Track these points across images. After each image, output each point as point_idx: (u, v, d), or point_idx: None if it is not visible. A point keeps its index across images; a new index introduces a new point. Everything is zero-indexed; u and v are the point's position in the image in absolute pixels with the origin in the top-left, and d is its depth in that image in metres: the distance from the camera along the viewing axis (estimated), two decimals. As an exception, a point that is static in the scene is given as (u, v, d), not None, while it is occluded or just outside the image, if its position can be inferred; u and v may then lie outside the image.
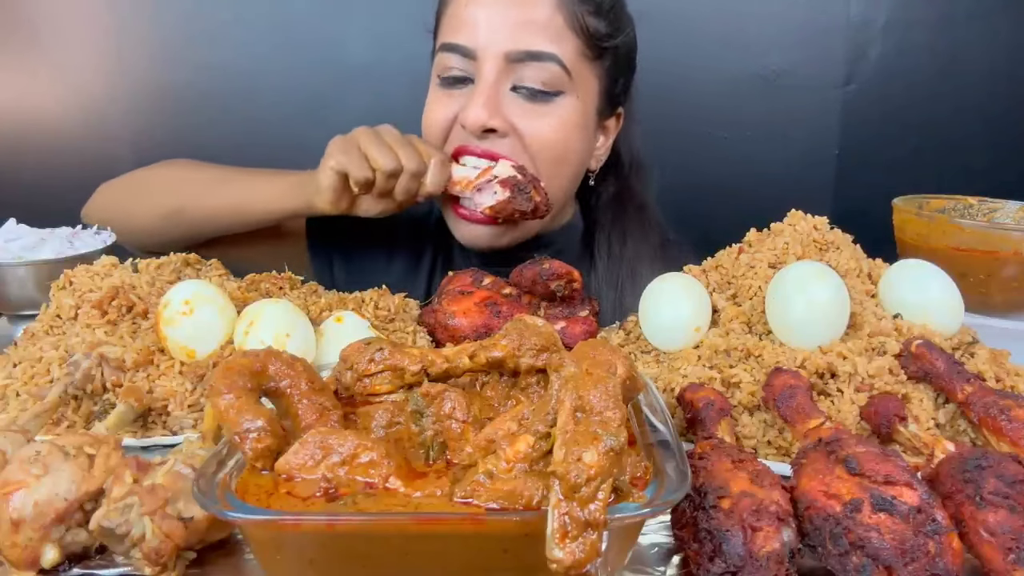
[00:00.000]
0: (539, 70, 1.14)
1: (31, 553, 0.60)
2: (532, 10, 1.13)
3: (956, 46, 2.01)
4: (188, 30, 2.03)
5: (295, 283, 1.11)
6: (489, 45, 1.13)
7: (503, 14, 1.13)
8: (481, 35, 1.14)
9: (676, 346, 0.94)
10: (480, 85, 1.14)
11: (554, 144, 1.17)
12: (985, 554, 0.57)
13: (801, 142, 2.08)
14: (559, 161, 1.19)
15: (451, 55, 1.17)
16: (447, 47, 1.17)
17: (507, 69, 1.14)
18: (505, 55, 1.13)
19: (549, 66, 1.14)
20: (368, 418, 0.68)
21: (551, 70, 1.14)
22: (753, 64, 2.02)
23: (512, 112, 1.15)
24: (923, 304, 0.90)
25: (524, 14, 1.13)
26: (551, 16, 1.13)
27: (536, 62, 1.13)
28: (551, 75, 1.14)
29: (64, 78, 2.05)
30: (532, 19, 1.13)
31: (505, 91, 1.15)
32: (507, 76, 1.15)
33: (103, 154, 2.07)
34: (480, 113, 1.12)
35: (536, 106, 1.16)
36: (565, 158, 1.20)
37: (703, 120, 2.00)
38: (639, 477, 0.58)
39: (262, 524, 0.55)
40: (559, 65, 1.14)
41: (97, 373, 0.85)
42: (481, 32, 1.14)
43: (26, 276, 1.15)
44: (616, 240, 1.33)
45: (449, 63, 1.17)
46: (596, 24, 1.17)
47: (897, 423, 0.75)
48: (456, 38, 1.16)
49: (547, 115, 1.16)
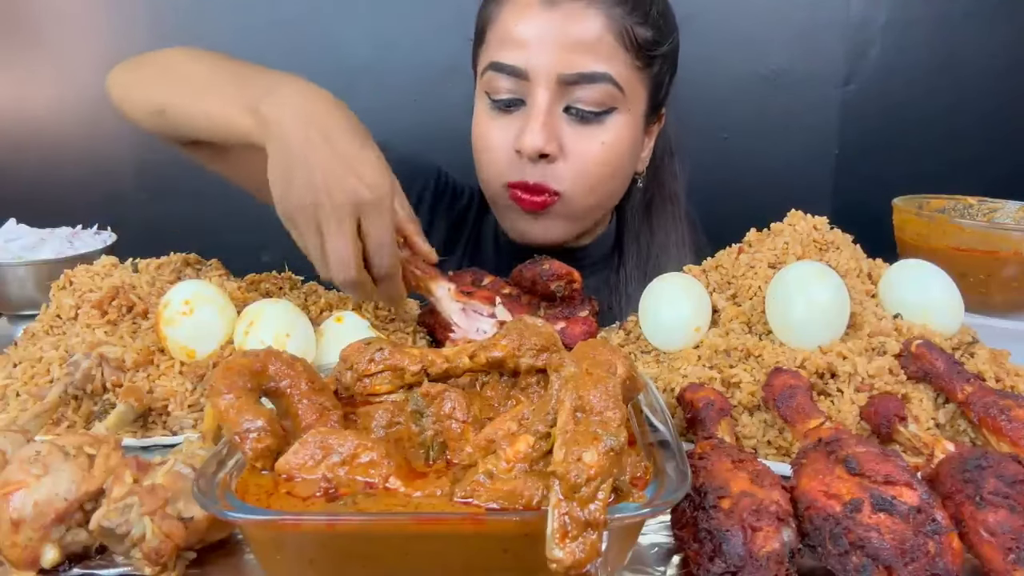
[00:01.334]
0: (592, 91, 1.13)
1: (31, 553, 0.60)
2: (582, 28, 1.11)
3: (955, 45, 2.01)
4: (188, 30, 2.03)
5: (295, 283, 1.11)
6: (541, 67, 1.12)
7: (554, 34, 1.11)
8: (533, 56, 1.12)
9: (676, 346, 0.94)
10: (534, 110, 1.13)
11: (605, 163, 1.17)
12: (985, 554, 0.57)
13: (801, 141, 2.08)
14: (609, 178, 1.20)
15: (501, 75, 1.15)
16: (496, 66, 1.15)
17: (559, 91, 1.13)
18: (558, 77, 1.12)
19: (602, 86, 1.13)
20: (368, 418, 0.68)
21: (604, 90, 1.13)
22: (753, 64, 2.02)
23: (564, 134, 1.15)
24: (923, 304, 0.90)
25: (575, 33, 1.11)
26: (601, 34, 1.12)
27: (589, 83, 1.12)
28: (604, 94, 1.13)
29: (64, 78, 2.05)
30: (583, 38, 1.11)
31: (558, 112, 1.15)
32: (560, 98, 1.14)
33: (103, 154, 2.07)
34: (536, 140, 1.12)
35: (588, 128, 1.15)
36: (614, 174, 1.21)
37: (703, 119, 1.99)
38: (639, 477, 0.58)
39: (262, 524, 0.55)
40: (612, 84, 1.13)
41: (97, 373, 0.85)
42: (532, 53, 1.12)
43: (26, 276, 1.16)
44: (644, 233, 1.33)
45: (499, 83, 1.16)
46: (645, 34, 1.16)
47: (897, 423, 0.75)
48: (506, 58, 1.14)
49: (599, 136, 1.16)
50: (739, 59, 2.02)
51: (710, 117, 2.02)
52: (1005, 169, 1.95)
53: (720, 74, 2.00)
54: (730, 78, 2.02)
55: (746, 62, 2.02)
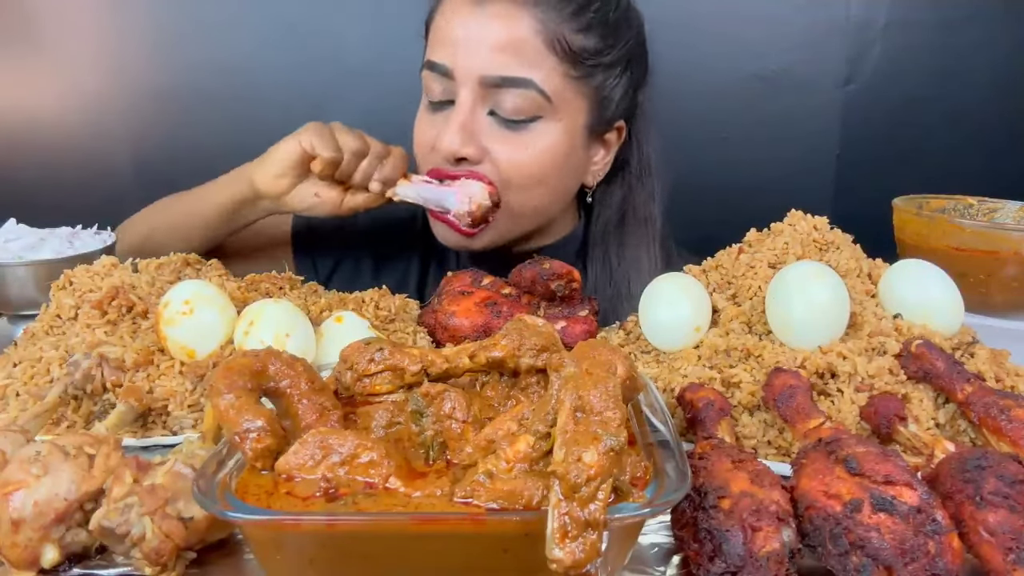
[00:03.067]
0: (515, 96, 1.11)
1: (31, 553, 0.60)
2: (510, 31, 1.09)
3: (956, 46, 2.01)
4: (187, 30, 2.03)
5: (295, 283, 1.11)
6: (465, 69, 1.11)
7: (481, 35, 1.10)
8: (459, 57, 1.12)
9: (676, 346, 0.94)
10: (456, 111, 1.13)
11: (530, 170, 1.15)
12: (985, 554, 0.57)
13: (801, 142, 2.08)
14: (536, 184, 1.17)
15: (432, 74, 1.16)
16: (429, 65, 1.16)
17: (483, 94, 1.12)
18: (480, 79, 1.11)
19: (525, 92, 1.11)
20: (368, 418, 0.68)
21: (527, 96, 1.11)
22: (753, 64, 2.02)
23: (488, 137, 1.14)
24: (923, 304, 0.90)
25: (502, 35, 1.10)
26: (529, 38, 1.10)
27: (512, 88, 1.11)
28: (528, 101, 1.11)
29: (64, 78, 2.05)
30: (509, 41, 1.10)
31: (481, 115, 1.13)
32: (484, 100, 1.13)
33: (103, 154, 2.07)
34: (453, 140, 1.12)
35: (511, 132, 1.14)
36: (542, 181, 1.18)
37: (703, 120, 1.99)
38: (639, 477, 0.58)
39: (262, 524, 0.55)
40: (536, 91, 1.11)
41: (97, 373, 0.84)
42: (460, 54, 1.12)
43: (26, 276, 1.15)
44: (613, 254, 1.30)
45: (432, 83, 1.17)
46: (583, 42, 1.13)
47: (897, 423, 0.75)
48: (437, 56, 1.15)
49: (522, 141, 1.14)
50: (740, 60, 2.02)
51: (710, 118, 2.02)
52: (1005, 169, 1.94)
53: (721, 75, 2.00)
54: (731, 79, 2.02)
55: (747, 63, 2.02)
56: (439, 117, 1.17)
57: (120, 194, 2.06)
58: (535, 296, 1.06)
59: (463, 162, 1.15)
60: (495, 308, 1.03)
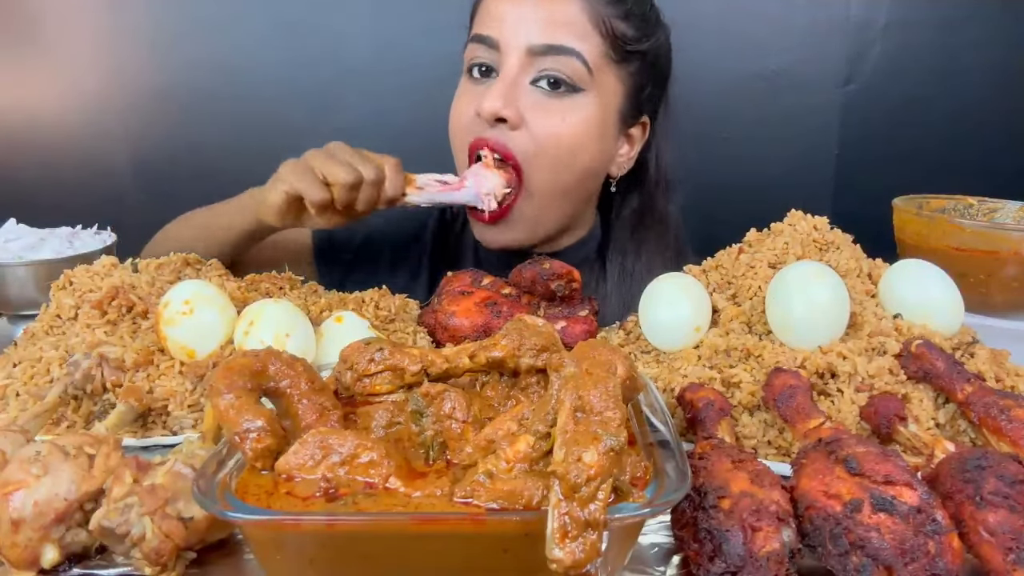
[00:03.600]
0: (560, 64, 1.16)
1: (31, 553, 0.60)
2: (558, 7, 1.17)
3: (956, 46, 2.01)
4: (187, 29, 2.03)
5: (295, 283, 1.11)
6: (513, 38, 1.17)
7: (530, 10, 1.17)
8: (507, 28, 1.17)
9: (676, 346, 0.94)
10: (500, 77, 1.18)
11: (565, 140, 1.19)
12: (985, 554, 0.57)
13: (801, 142, 2.08)
14: (568, 157, 1.20)
15: (479, 46, 1.21)
16: (475, 38, 1.22)
17: (529, 62, 1.17)
18: (528, 48, 1.16)
19: (570, 61, 1.16)
20: (368, 418, 0.68)
21: (572, 65, 1.16)
22: (753, 64, 2.02)
23: (528, 105, 1.17)
24: (923, 304, 0.90)
25: (550, 11, 1.16)
26: (576, 14, 1.16)
27: (557, 55, 1.16)
28: (571, 70, 1.16)
29: (63, 78, 2.05)
30: (557, 16, 1.16)
31: (525, 84, 1.18)
32: (528, 69, 1.17)
33: (102, 153, 2.07)
34: (495, 102, 1.15)
35: (553, 100, 1.18)
36: (575, 155, 1.21)
37: (703, 120, 1.99)
38: (639, 477, 0.58)
39: (262, 524, 0.55)
40: (580, 61, 1.16)
41: (97, 373, 0.84)
42: (507, 25, 1.17)
43: (26, 276, 1.15)
44: (631, 255, 1.34)
45: (476, 53, 1.21)
46: (623, 28, 1.19)
47: (897, 423, 0.75)
48: (484, 30, 1.20)
49: (562, 111, 1.18)
50: (740, 60, 2.02)
51: (710, 117, 2.02)
52: (1005, 169, 1.94)
53: (721, 75, 2.00)
54: (731, 79, 2.02)
55: (747, 63, 2.02)
56: (480, 88, 1.21)
57: (120, 194, 2.07)
58: (535, 296, 1.06)
59: (499, 125, 1.18)
60: (495, 308, 1.03)
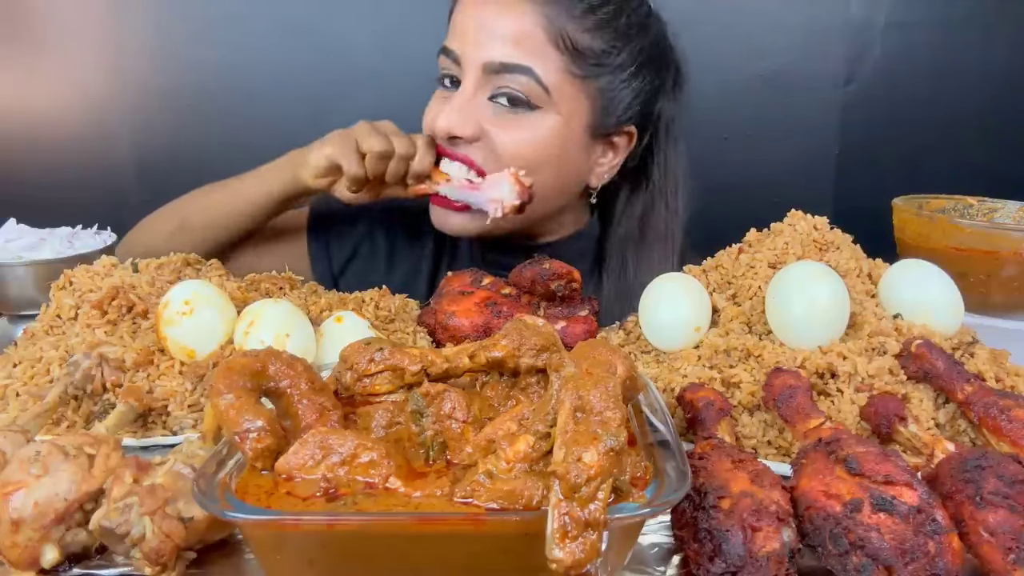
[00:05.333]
0: (515, 82, 1.15)
1: (31, 553, 0.60)
2: (514, 23, 1.15)
3: (956, 46, 2.01)
4: (189, 29, 2.03)
5: (295, 283, 1.11)
6: (472, 53, 1.17)
7: (487, 25, 1.16)
8: (468, 44, 1.17)
9: (676, 346, 0.94)
10: (460, 91, 1.18)
11: (524, 154, 1.18)
12: (985, 554, 0.57)
13: (801, 142, 2.08)
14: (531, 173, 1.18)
15: (446, 58, 1.21)
16: (443, 50, 1.22)
17: (485, 79, 1.17)
18: (484, 65, 1.16)
19: (523, 79, 1.15)
20: (368, 418, 0.68)
21: (525, 84, 1.15)
22: (753, 64, 2.02)
23: (487, 120, 1.18)
24: (923, 304, 0.90)
25: (506, 27, 1.15)
26: (531, 31, 1.15)
27: (510, 74, 1.15)
28: (526, 89, 1.15)
29: (64, 77, 2.05)
30: (514, 32, 1.15)
31: (482, 100, 1.18)
32: (486, 86, 1.17)
33: (104, 153, 2.07)
34: (448, 119, 1.16)
35: (511, 117, 1.17)
36: (539, 170, 1.19)
37: (703, 120, 1.99)
38: (639, 477, 0.58)
39: (262, 524, 0.55)
40: (534, 80, 1.15)
41: (97, 373, 0.84)
42: (468, 41, 1.17)
43: (26, 276, 1.15)
44: (630, 263, 1.33)
45: (444, 65, 1.22)
46: (590, 42, 1.17)
47: (897, 423, 0.75)
48: (450, 43, 1.21)
49: (520, 127, 1.17)
50: (740, 60, 2.02)
51: (710, 118, 2.02)
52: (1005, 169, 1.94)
53: (721, 75, 2.00)
54: (731, 79, 2.02)
55: (747, 63, 2.02)
56: (448, 97, 1.22)
57: (121, 194, 2.07)
58: (535, 296, 1.06)
59: (457, 141, 1.19)
60: (495, 308, 1.03)
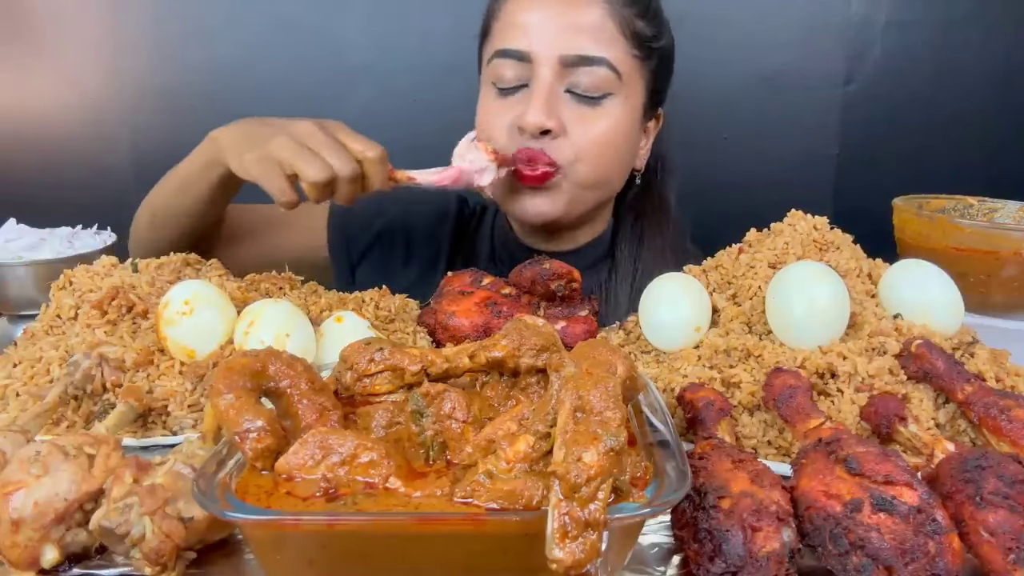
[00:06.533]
0: (590, 74, 1.18)
1: (31, 553, 0.60)
2: (583, 15, 1.18)
3: (956, 46, 2.01)
4: (188, 29, 2.03)
5: (295, 283, 1.11)
6: (544, 49, 1.17)
7: (556, 20, 1.18)
8: (535, 40, 1.18)
9: (676, 346, 0.94)
10: (537, 88, 1.18)
11: (603, 146, 1.21)
12: (985, 554, 0.57)
13: (801, 142, 2.08)
14: (610, 158, 1.23)
15: (506, 61, 1.21)
16: (502, 53, 1.21)
17: (561, 73, 1.18)
18: (559, 59, 1.17)
19: (600, 70, 1.18)
20: (368, 418, 0.68)
21: (602, 74, 1.18)
22: (753, 64, 2.02)
23: (565, 114, 1.19)
24: (923, 304, 0.90)
25: (575, 19, 1.18)
26: (602, 21, 1.18)
27: (588, 66, 1.17)
28: (602, 79, 1.18)
29: (64, 78, 2.05)
30: (583, 24, 1.18)
31: (560, 93, 1.19)
32: (561, 79, 1.19)
33: (103, 153, 2.07)
34: (538, 115, 1.16)
35: (587, 108, 1.20)
36: (612, 158, 1.24)
37: (703, 120, 1.99)
38: (639, 477, 0.58)
39: (262, 524, 0.55)
40: (610, 68, 1.18)
41: (97, 373, 0.84)
42: (535, 37, 1.18)
43: (26, 276, 1.16)
44: (634, 240, 1.36)
45: (504, 70, 1.21)
46: (643, 27, 1.21)
47: (897, 423, 0.75)
48: (511, 44, 1.20)
49: (597, 117, 1.20)
50: (739, 60, 2.02)
51: (710, 117, 2.02)
52: (1005, 169, 1.95)
53: (720, 75, 2.00)
54: (730, 79, 2.02)
55: (746, 63, 2.02)
56: (511, 101, 1.22)
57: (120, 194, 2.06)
58: (535, 296, 1.06)
59: (545, 135, 1.19)
60: (495, 308, 1.03)
